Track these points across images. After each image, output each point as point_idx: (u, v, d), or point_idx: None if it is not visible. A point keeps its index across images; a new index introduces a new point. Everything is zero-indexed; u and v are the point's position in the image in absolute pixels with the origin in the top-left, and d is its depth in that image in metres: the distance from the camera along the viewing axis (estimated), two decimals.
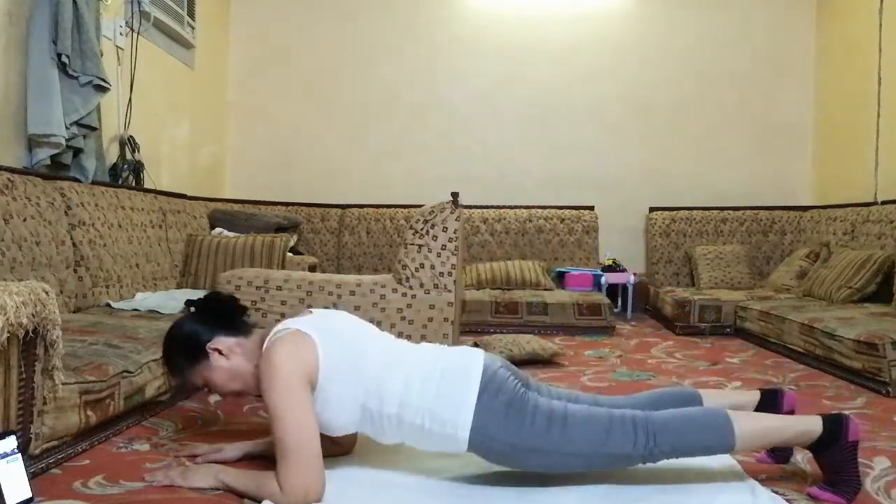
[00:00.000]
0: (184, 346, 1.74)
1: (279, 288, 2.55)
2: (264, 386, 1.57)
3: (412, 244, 2.61)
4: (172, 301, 3.09)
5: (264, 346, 1.64)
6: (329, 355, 1.62)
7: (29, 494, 1.48)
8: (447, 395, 1.62)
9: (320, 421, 1.62)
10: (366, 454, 1.89)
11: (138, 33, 3.91)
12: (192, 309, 1.80)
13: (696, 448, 1.63)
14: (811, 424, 1.64)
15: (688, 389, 2.02)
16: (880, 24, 4.42)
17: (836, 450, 1.61)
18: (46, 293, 1.60)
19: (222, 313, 1.78)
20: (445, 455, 1.84)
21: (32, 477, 1.57)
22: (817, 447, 1.64)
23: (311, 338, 1.62)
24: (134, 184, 3.79)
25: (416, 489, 1.69)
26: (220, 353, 1.71)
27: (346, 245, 5.23)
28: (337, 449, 1.85)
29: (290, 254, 4.06)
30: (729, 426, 1.61)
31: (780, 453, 1.87)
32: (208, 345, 1.71)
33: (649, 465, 1.65)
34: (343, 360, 1.64)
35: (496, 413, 1.60)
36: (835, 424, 1.62)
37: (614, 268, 5.01)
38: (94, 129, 3.24)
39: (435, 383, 1.64)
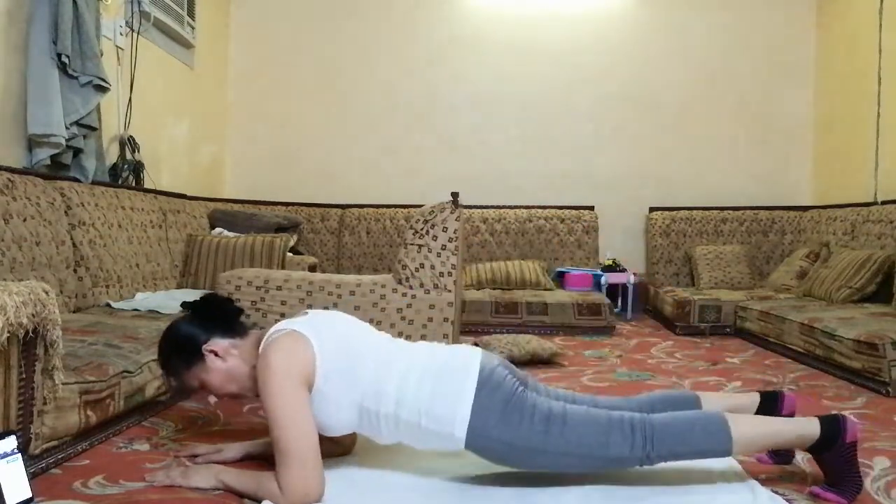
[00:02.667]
0: (180, 347, 1.74)
1: (279, 288, 2.55)
2: (262, 387, 1.57)
3: (412, 244, 2.61)
4: (172, 301, 3.09)
5: (261, 347, 1.64)
6: (326, 356, 1.61)
7: (29, 494, 1.48)
8: (444, 393, 1.62)
9: (318, 422, 1.61)
10: (365, 454, 1.89)
11: (138, 33, 3.91)
12: (189, 310, 1.80)
13: (693, 452, 1.63)
14: (809, 427, 1.64)
15: (686, 392, 2.02)
16: (880, 25, 4.42)
17: (834, 451, 1.61)
18: (46, 293, 1.60)
19: (219, 315, 1.78)
20: (445, 455, 1.84)
21: (32, 477, 1.57)
22: (816, 449, 1.64)
23: (308, 338, 1.62)
24: (134, 184, 3.79)
25: (415, 489, 1.69)
26: (216, 354, 1.71)
27: (346, 245, 5.23)
28: (337, 449, 1.85)
29: (290, 254, 4.06)
30: (726, 430, 1.61)
31: (781, 454, 1.87)
32: (204, 346, 1.71)
33: (646, 467, 1.65)
34: (340, 361, 1.63)
35: (493, 411, 1.60)
36: (832, 426, 1.62)
37: (614, 268, 5.01)
38: (94, 129, 3.24)
39: (431, 381, 1.63)
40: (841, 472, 1.61)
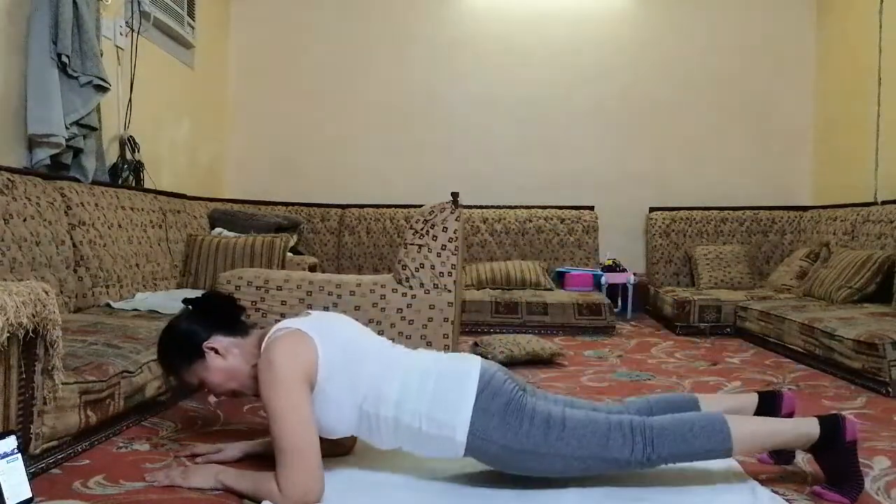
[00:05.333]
0: (180, 344, 1.73)
1: (279, 288, 2.55)
2: (263, 386, 1.57)
3: (412, 244, 2.61)
4: (172, 301, 3.09)
5: (263, 345, 1.63)
6: (328, 356, 1.61)
7: (29, 494, 1.48)
8: (444, 398, 1.62)
9: (318, 424, 1.61)
10: (365, 455, 1.89)
11: (138, 33, 3.91)
12: (190, 307, 1.79)
13: (693, 454, 1.63)
14: (808, 427, 1.64)
15: (685, 394, 2.02)
16: (880, 24, 4.42)
17: (835, 451, 1.61)
18: (46, 293, 1.60)
19: (220, 313, 1.78)
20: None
21: (32, 477, 1.58)
22: (817, 449, 1.64)
23: (311, 338, 1.61)
24: (134, 184, 3.79)
25: (415, 490, 1.69)
26: (216, 352, 1.71)
27: (346, 245, 5.23)
28: (337, 449, 1.85)
29: (290, 254, 4.06)
30: (726, 431, 1.61)
31: (782, 455, 1.87)
32: (205, 344, 1.70)
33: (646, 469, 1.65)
34: (341, 362, 1.63)
35: (494, 416, 1.60)
36: (831, 425, 1.62)
37: (614, 268, 5.01)
38: (94, 129, 3.24)
39: (432, 386, 1.63)
40: (842, 472, 1.61)
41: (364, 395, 1.63)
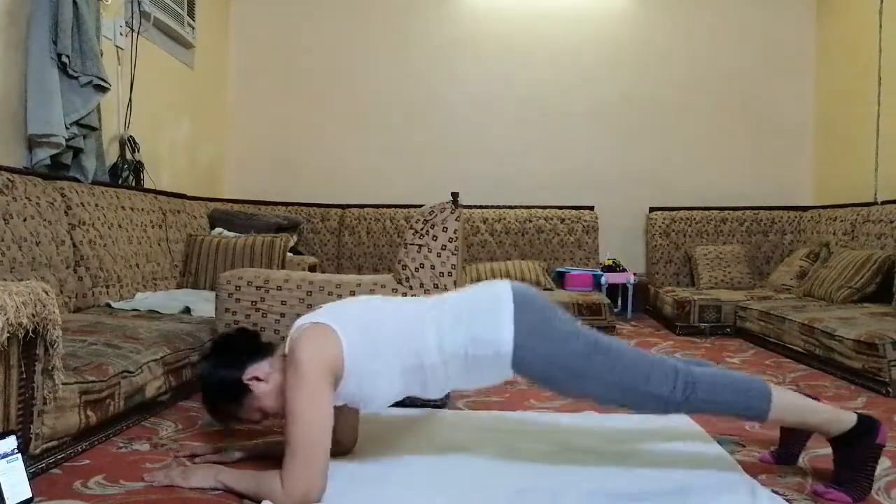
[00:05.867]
0: (223, 390, 1.72)
1: (279, 288, 2.55)
2: (288, 381, 1.57)
3: (412, 244, 2.61)
4: (172, 301, 3.09)
5: (287, 346, 1.63)
6: (352, 340, 1.62)
7: (29, 494, 1.48)
8: (483, 319, 1.65)
9: (367, 398, 1.65)
10: (365, 453, 1.89)
11: (138, 33, 3.91)
12: (211, 355, 1.80)
13: (730, 406, 1.65)
14: (846, 415, 1.66)
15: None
16: (880, 24, 4.42)
17: (862, 447, 1.62)
18: (46, 293, 1.60)
19: (240, 344, 1.78)
20: (445, 454, 1.84)
21: (32, 477, 1.58)
22: (843, 441, 1.64)
23: (331, 327, 1.62)
24: (134, 184, 3.79)
25: (415, 489, 1.68)
26: (259, 379, 1.70)
27: (346, 245, 5.23)
28: (337, 448, 1.85)
29: (290, 254, 4.06)
30: (766, 393, 1.64)
31: (784, 454, 1.87)
32: (244, 377, 1.69)
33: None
34: (367, 338, 1.64)
35: (534, 329, 1.63)
36: (868, 423, 1.64)
37: (614, 268, 5.01)
38: (94, 129, 3.24)
39: (467, 313, 1.67)
40: (856, 471, 1.62)
41: (401, 356, 1.64)
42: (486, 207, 5.28)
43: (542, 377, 1.68)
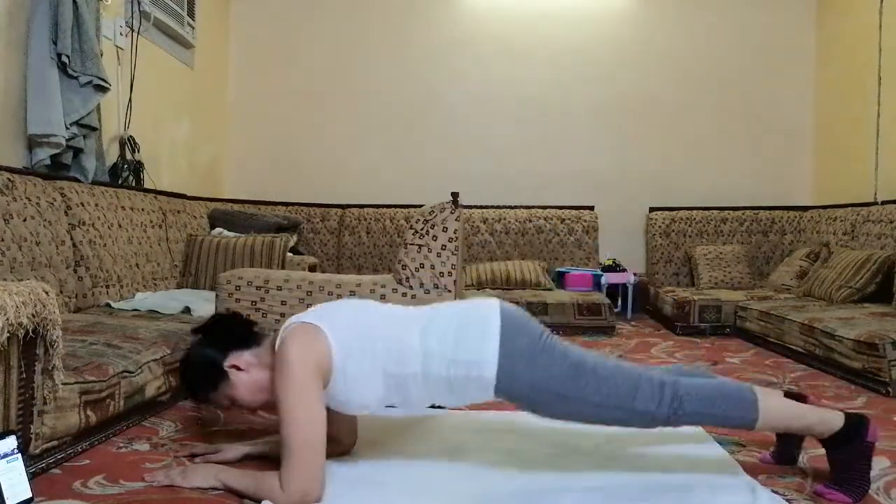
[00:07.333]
0: (202, 371, 1.73)
1: (279, 288, 2.55)
2: (277, 382, 1.57)
3: (412, 244, 2.61)
4: (172, 301, 3.09)
5: (276, 344, 1.64)
6: (339, 338, 1.62)
7: (29, 494, 1.48)
8: (467, 339, 1.63)
9: (348, 401, 1.63)
10: (365, 454, 1.89)
11: (138, 33, 3.91)
12: (200, 334, 1.80)
13: (719, 417, 1.64)
14: (833, 416, 1.65)
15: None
16: (880, 24, 4.42)
17: (853, 447, 1.62)
18: (46, 293, 1.60)
19: (230, 331, 1.78)
20: (445, 454, 1.84)
21: (32, 477, 1.57)
22: (834, 442, 1.64)
23: (320, 327, 1.62)
24: (134, 184, 3.79)
25: (415, 490, 1.69)
26: (237, 368, 1.71)
27: (346, 245, 5.23)
28: (337, 449, 1.85)
29: (290, 254, 4.06)
30: (754, 401, 1.63)
31: (784, 454, 1.87)
32: (224, 363, 1.71)
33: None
34: (354, 338, 1.64)
35: (520, 353, 1.61)
36: (857, 422, 1.64)
37: (614, 268, 5.01)
38: (94, 129, 3.24)
39: (453, 330, 1.65)
40: (851, 471, 1.61)
41: (385, 361, 1.64)
42: (486, 207, 5.28)
43: (527, 401, 1.66)
